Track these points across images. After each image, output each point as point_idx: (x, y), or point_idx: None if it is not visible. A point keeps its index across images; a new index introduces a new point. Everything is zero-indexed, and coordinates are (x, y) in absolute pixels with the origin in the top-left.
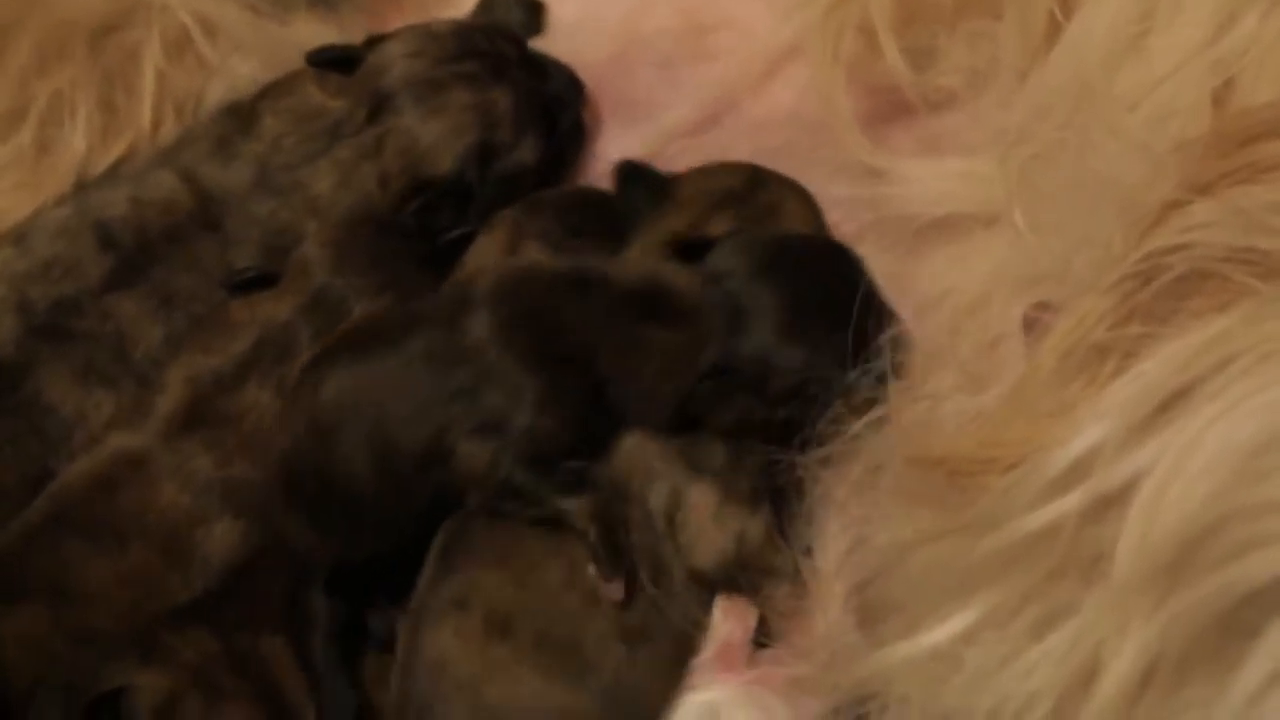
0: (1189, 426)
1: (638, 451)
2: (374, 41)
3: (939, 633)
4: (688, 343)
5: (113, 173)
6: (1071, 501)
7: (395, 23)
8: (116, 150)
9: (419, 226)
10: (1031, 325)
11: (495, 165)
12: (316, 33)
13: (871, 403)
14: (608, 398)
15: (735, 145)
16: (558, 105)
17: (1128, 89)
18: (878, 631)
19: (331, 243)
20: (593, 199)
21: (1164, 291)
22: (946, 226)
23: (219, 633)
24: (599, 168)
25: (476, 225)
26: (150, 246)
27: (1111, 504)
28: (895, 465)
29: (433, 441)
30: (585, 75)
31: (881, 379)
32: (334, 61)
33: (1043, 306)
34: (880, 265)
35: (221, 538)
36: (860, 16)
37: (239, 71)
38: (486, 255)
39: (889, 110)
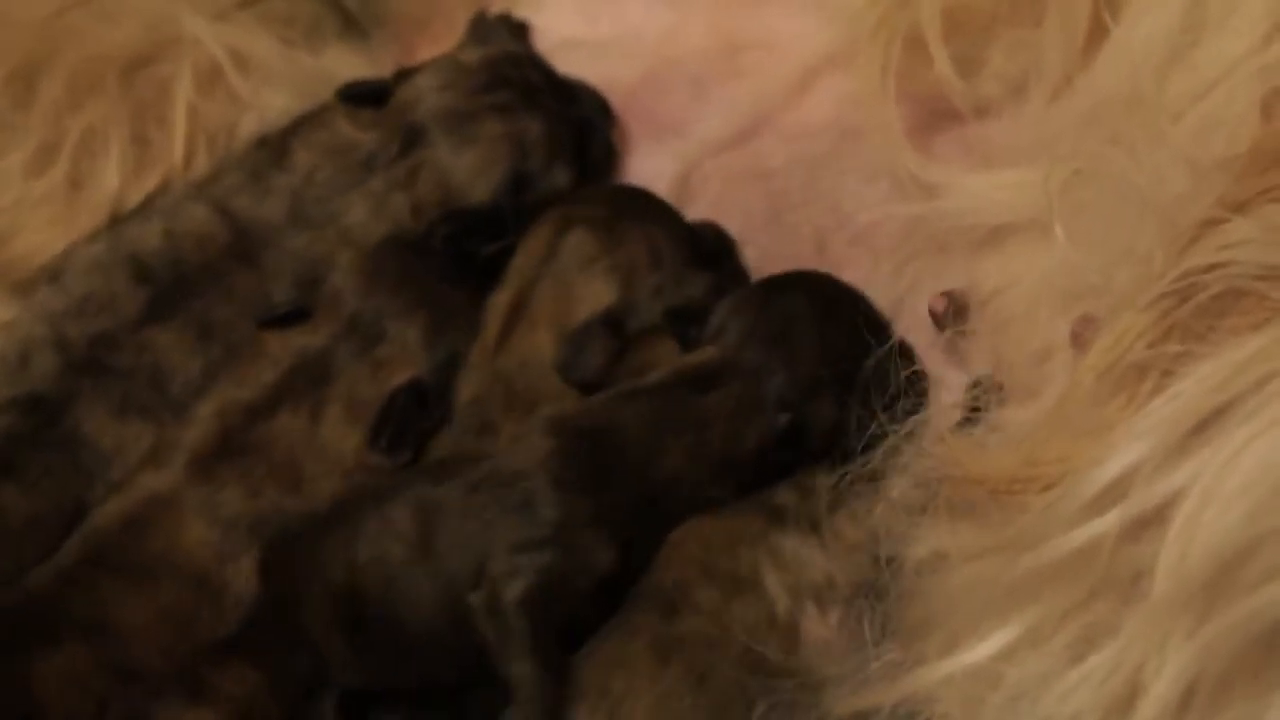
0: (1226, 446)
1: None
2: (403, 74)
3: (979, 650)
4: (744, 392)
5: (146, 207)
6: (1110, 521)
7: (425, 51)
8: (149, 184)
9: (450, 248)
10: (1079, 340)
11: (528, 192)
12: (348, 63)
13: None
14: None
15: (771, 159)
16: (588, 129)
17: (1174, 98)
18: (918, 649)
19: (360, 269)
20: (633, 190)
21: (1201, 309)
22: (992, 236)
23: (259, 662)
24: (631, 183)
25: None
26: (186, 280)
27: (1149, 524)
28: (936, 482)
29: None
30: (617, 96)
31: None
32: (364, 96)
33: (1088, 320)
34: (922, 275)
35: (250, 574)
36: (909, 26)
37: (271, 104)
38: (533, 254)
39: (933, 119)
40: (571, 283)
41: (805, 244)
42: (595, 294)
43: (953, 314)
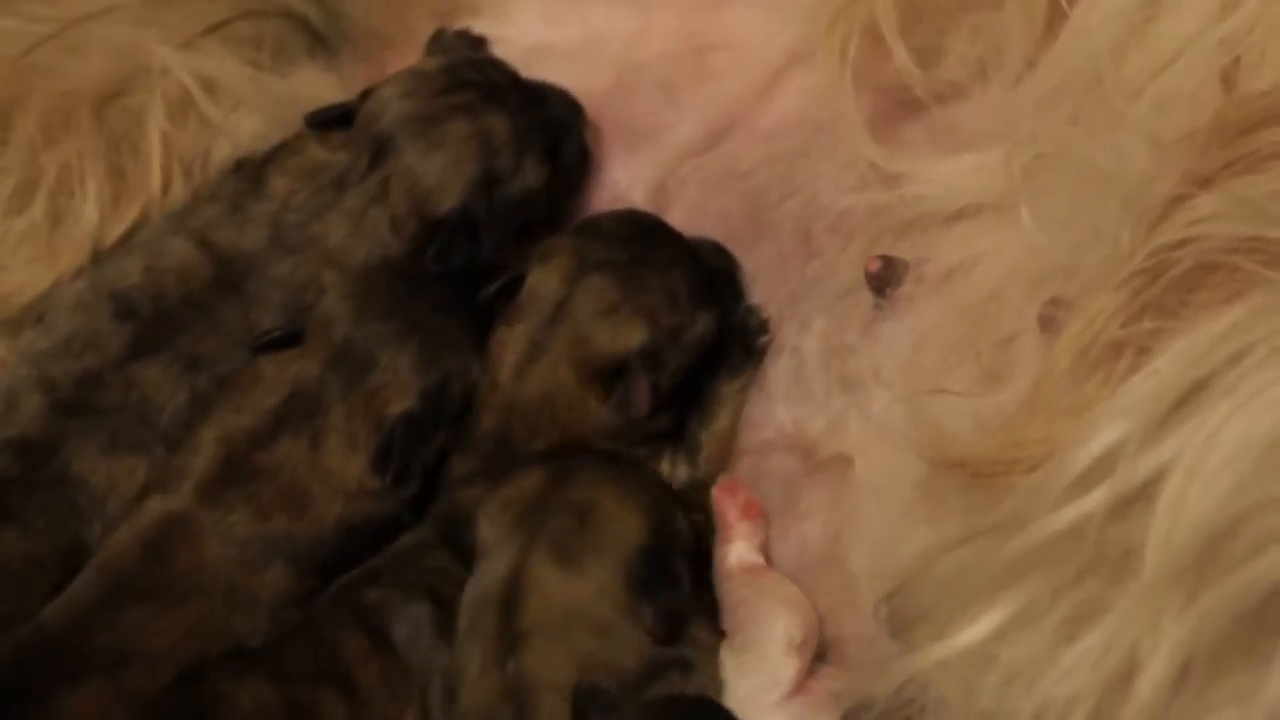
0: (1208, 421)
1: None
2: (368, 93)
3: (970, 633)
4: None
5: (125, 242)
6: (1096, 500)
7: (394, 68)
8: (129, 216)
9: (441, 272)
10: (1048, 323)
11: (500, 192)
12: (317, 82)
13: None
14: None
15: (745, 159)
16: (559, 129)
17: (1133, 75)
18: (910, 638)
19: (350, 295)
20: (644, 221)
21: (1173, 285)
22: (960, 221)
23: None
24: (607, 195)
25: (518, 270)
26: (169, 314)
27: (1135, 501)
28: (917, 469)
29: None
30: (587, 104)
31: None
32: (331, 120)
33: (1057, 303)
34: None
35: (274, 584)
36: (866, 19)
37: (243, 128)
38: (548, 286)
39: (898, 109)
40: (594, 327)
41: (787, 240)
42: (624, 337)
43: (889, 277)
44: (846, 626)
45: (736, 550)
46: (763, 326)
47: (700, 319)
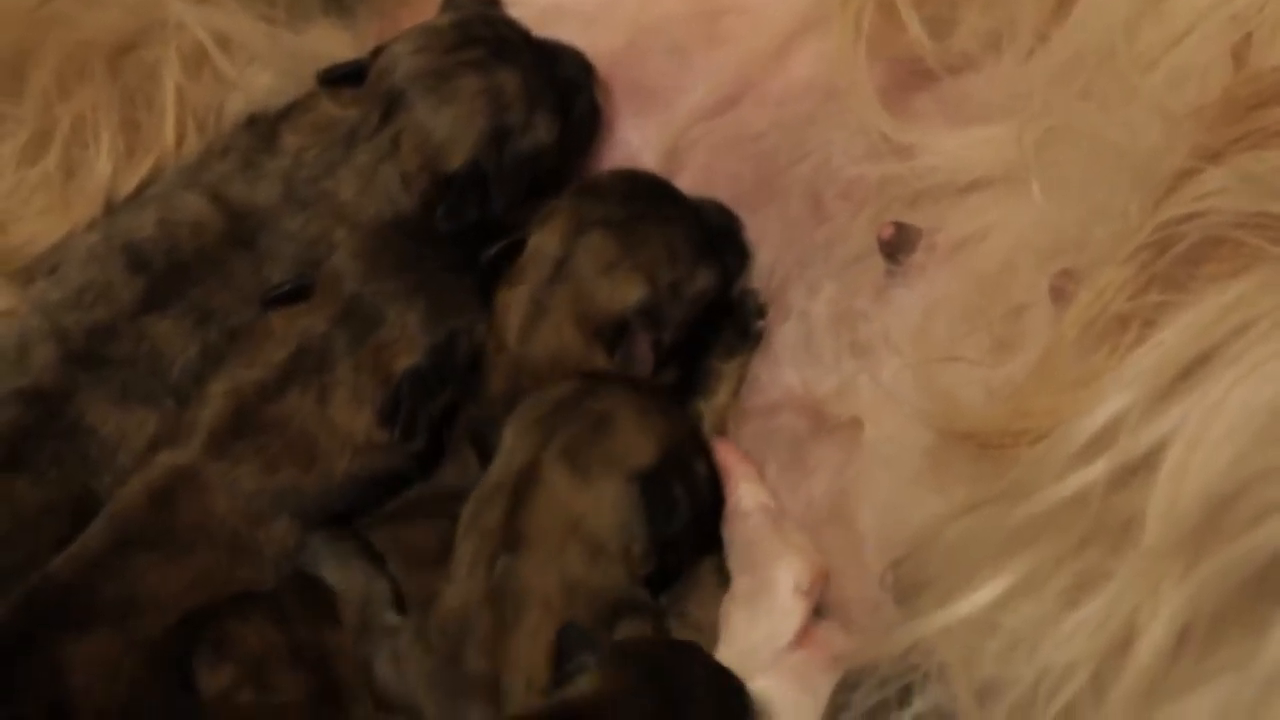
0: (1211, 392)
1: None
2: (381, 50)
3: (974, 600)
4: None
5: (139, 195)
6: (1099, 469)
7: (408, 25)
8: (142, 168)
9: (452, 231)
10: (1059, 294)
11: (511, 148)
12: (331, 40)
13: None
14: None
15: (756, 123)
16: (570, 88)
17: (1145, 49)
18: (915, 604)
19: (360, 252)
20: (643, 179)
21: (1180, 259)
22: (972, 192)
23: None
24: (618, 155)
25: (520, 234)
26: (182, 267)
27: (1138, 470)
28: (925, 438)
29: None
30: (599, 65)
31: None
32: (343, 77)
33: (1067, 275)
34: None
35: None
36: None
37: (256, 83)
38: (548, 246)
39: (911, 80)
40: (594, 284)
41: (796, 204)
42: (622, 294)
43: (902, 244)
44: (850, 588)
45: (747, 491)
46: (760, 310)
47: (701, 274)
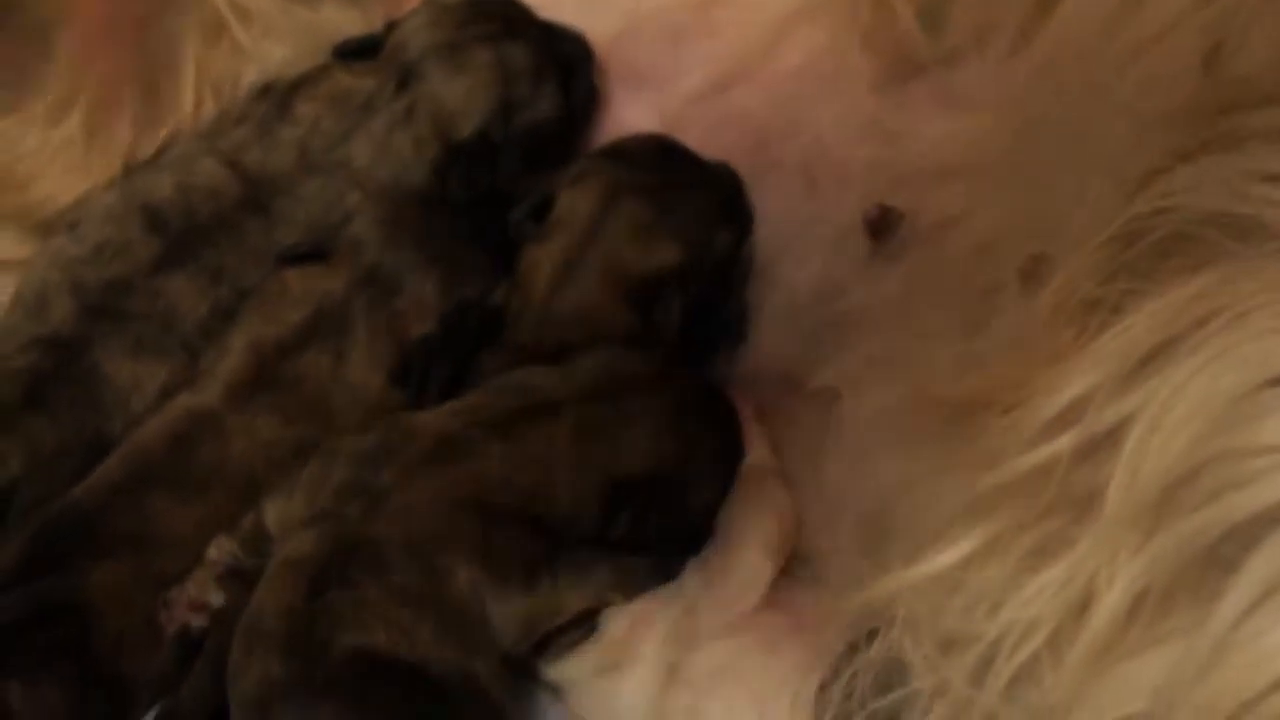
0: (1173, 377)
1: None
2: (392, 26)
3: (941, 559)
4: None
5: (156, 158)
6: (1064, 443)
7: (415, 4)
8: (161, 133)
9: (465, 199)
10: (1029, 278)
11: (517, 119)
12: (342, 16)
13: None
14: None
15: (749, 103)
16: (571, 66)
17: (1120, 53)
18: (882, 560)
19: (381, 221)
20: (667, 144)
21: (1148, 251)
22: (953, 178)
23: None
24: (614, 132)
25: (547, 192)
26: (198, 229)
27: (1101, 446)
28: (899, 404)
29: None
30: (597, 49)
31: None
32: (358, 50)
33: (1039, 260)
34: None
35: None
36: None
37: (272, 55)
38: (583, 206)
39: (901, 69)
40: (628, 247)
41: (788, 178)
42: (658, 256)
43: (886, 225)
44: (823, 541)
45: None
46: (744, 314)
47: (720, 238)
